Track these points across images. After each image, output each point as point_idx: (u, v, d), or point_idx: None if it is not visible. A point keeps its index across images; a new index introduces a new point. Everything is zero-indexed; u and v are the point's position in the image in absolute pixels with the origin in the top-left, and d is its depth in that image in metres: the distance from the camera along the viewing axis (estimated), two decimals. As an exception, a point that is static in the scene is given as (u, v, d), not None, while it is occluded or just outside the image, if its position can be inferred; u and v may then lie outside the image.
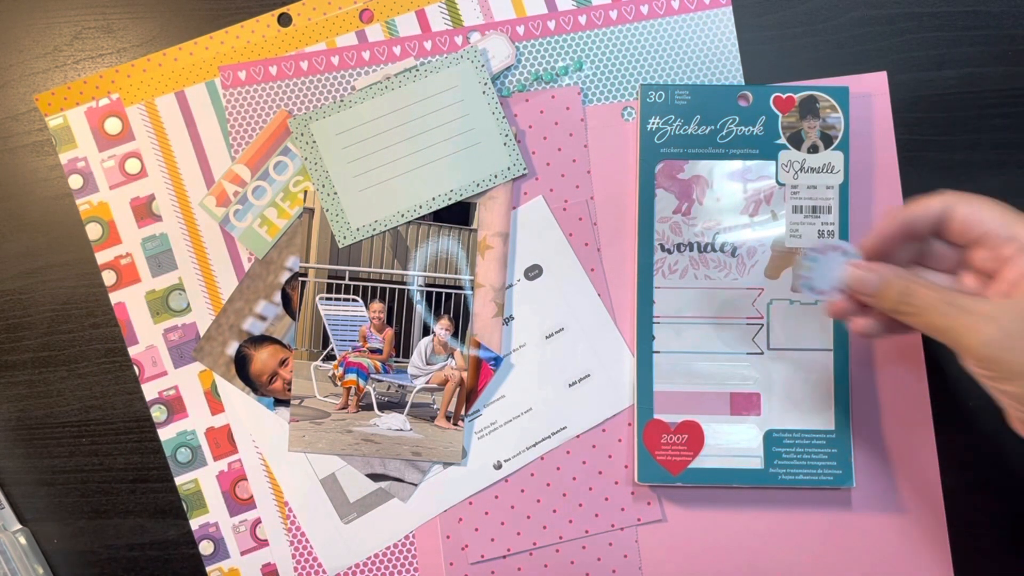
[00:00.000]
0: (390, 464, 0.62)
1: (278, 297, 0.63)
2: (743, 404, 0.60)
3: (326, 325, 0.62)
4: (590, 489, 0.62)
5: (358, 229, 0.62)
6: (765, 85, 0.62)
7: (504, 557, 0.62)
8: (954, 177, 0.63)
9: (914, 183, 0.62)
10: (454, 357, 0.62)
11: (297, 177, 0.62)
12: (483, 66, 0.61)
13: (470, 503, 0.62)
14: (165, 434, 0.63)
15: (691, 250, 0.61)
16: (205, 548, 0.63)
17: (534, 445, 0.62)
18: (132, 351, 0.63)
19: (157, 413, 0.63)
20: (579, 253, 0.63)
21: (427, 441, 0.62)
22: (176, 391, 0.63)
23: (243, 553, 0.63)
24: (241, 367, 0.63)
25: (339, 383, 0.62)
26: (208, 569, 0.63)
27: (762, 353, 0.61)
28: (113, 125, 0.63)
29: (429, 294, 0.62)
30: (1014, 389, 0.46)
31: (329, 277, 0.62)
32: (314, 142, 0.61)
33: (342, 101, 0.62)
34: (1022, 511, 0.62)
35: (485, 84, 0.61)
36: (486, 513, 0.62)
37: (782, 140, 0.61)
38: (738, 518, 0.62)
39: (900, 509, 0.61)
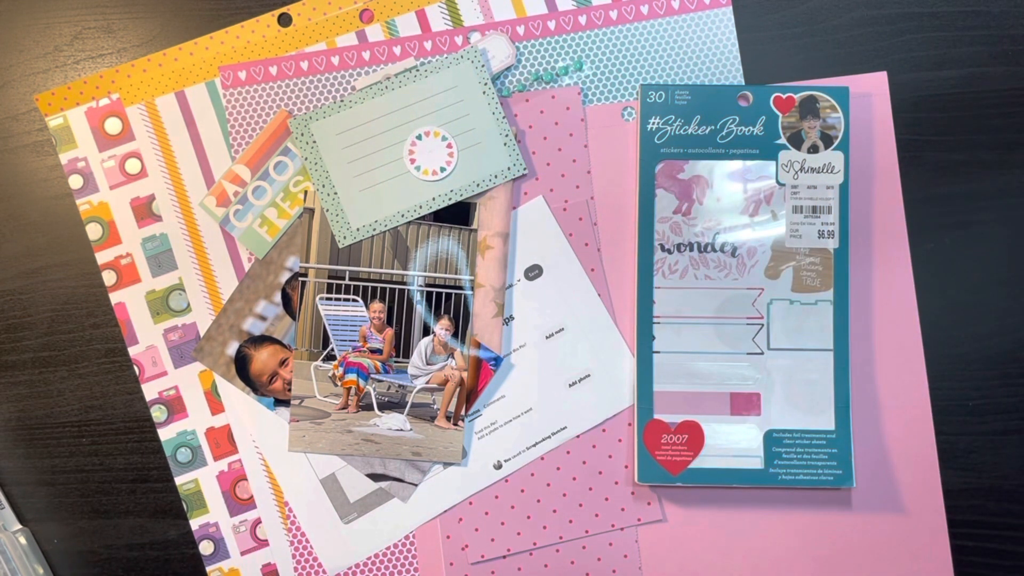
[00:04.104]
0: (390, 464, 0.62)
1: (278, 297, 0.63)
2: (743, 404, 0.60)
3: (326, 325, 0.62)
4: (590, 489, 0.62)
5: (358, 229, 0.62)
6: (765, 85, 0.62)
7: (504, 557, 0.62)
8: (954, 177, 0.63)
9: (914, 183, 0.62)
10: (454, 357, 0.62)
11: (297, 177, 0.62)
12: (483, 66, 0.61)
13: (470, 503, 0.62)
14: (165, 434, 0.63)
15: (691, 250, 0.61)
16: (205, 548, 0.63)
17: (534, 445, 0.62)
18: (132, 351, 0.63)
19: (157, 413, 0.63)
20: (579, 253, 0.63)
21: (427, 441, 0.62)
22: (176, 391, 0.63)
23: (243, 553, 0.63)
24: (241, 367, 0.63)
25: (339, 383, 0.62)
26: (208, 569, 0.63)
27: (762, 353, 0.61)
28: (113, 125, 0.63)
29: (429, 294, 0.62)
30: None
31: (329, 277, 0.62)
32: (314, 142, 0.61)
33: (342, 101, 0.62)
34: (1022, 511, 0.62)
35: (485, 84, 0.61)
36: (486, 513, 0.62)
37: (782, 140, 0.61)
38: (738, 518, 0.62)
39: (900, 509, 0.61)
